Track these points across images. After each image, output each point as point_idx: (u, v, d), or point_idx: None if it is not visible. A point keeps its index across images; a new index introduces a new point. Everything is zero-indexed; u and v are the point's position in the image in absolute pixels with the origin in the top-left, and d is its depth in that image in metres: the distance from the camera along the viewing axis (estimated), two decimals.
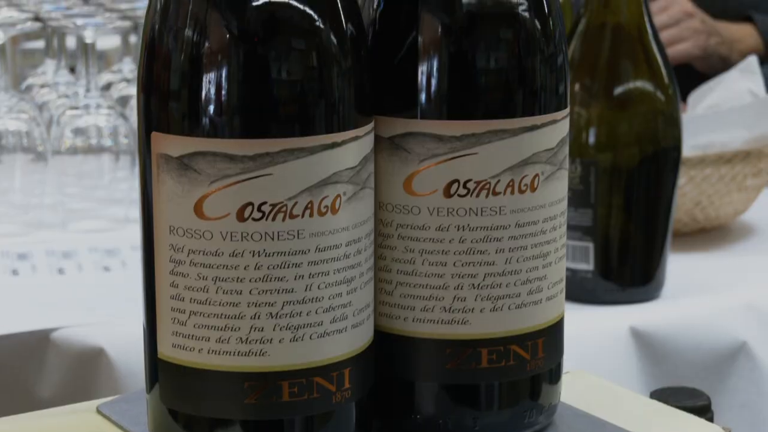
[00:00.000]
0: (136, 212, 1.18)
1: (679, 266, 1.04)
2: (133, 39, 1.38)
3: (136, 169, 1.23)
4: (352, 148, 0.53)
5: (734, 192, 1.11)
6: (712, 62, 1.65)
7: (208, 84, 0.52)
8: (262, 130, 0.52)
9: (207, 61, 0.52)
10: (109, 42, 1.89)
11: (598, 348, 0.91)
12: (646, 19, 1.00)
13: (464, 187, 0.55)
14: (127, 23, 1.21)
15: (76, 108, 1.18)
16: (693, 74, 1.64)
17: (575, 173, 0.97)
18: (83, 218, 1.19)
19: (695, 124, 1.12)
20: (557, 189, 0.57)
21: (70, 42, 1.40)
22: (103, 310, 0.95)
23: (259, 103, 0.52)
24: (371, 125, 0.55)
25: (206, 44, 0.52)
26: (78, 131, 1.18)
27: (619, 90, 1.00)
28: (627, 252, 0.99)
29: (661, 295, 0.99)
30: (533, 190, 0.56)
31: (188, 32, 0.53)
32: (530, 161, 0.56)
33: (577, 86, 1.00)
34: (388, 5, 0.57)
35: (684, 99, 1.45)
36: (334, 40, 0.53)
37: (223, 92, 0.52)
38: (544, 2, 0.57)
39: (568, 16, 1.09)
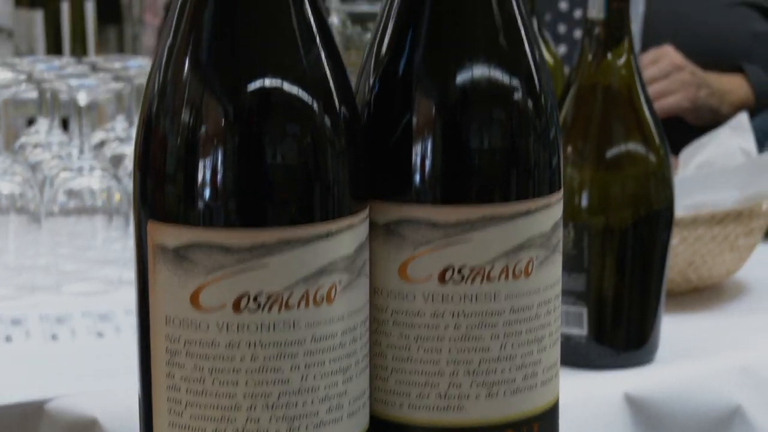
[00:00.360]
0: (129, 273, 1.18)
1: (672, 327, 1.04)
2: (126, 88, 1.37)
3: (130, 229, 1.24)
4: (348, 237, 0.53)
5: (726, 252, 1.11)
6: (701, 114, 1.65)
7: (203, 172, 0.52)
8: (257, 220, 0.52)
9: (201, 148, 0.52)
10: None
11: (593, 415, 0.91)
12: (636, 79, 1.01)
13: (459, 273, 0.55)
14: (120, 85, 1.21)
15: (70, 170, 1.18)
16: (683, 127, 1.65)
17: (568, 238, 0.97)
18: (77, 280, 1.19)
19: (687, 185, 1.12)
20: (551, 273, 0.57)
21: (64, 94, 1.40)
22: (97, 378, 0.95)
23: (254, 191, 0.52)
24: (366, 211, 0.55)
25: (200, 130, 0.52)
26: (71, 193, 1.19)
27: (610, 152, 1.00)
28: (621, 315, 0.99)
29: (656, 359, 0.99)
30: (527, 275, 0.56)
31: (184, 117, 0.53)
32: (524, 246, 0.56)
33: (569, 149, 1.01)
34: (382, 88, 0.57)
35: (674, 151, 1.46)
36: (329, 126, 0.53)
37: (218, 181, 0.52)
38: (538, 87, 0.57)
39: (559, 81, 1.09)
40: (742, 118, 1.24)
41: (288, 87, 0.53)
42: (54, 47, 2.56)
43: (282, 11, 0.53)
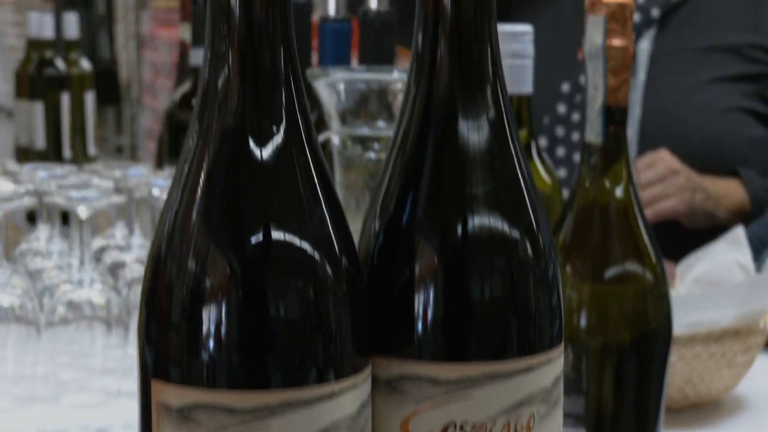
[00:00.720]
0: (128, 384, 1.18)
1: None
2: (127, 201, 1.38)
3: (129, 337, 1.24)
4: (351, 396, 0.54)
5: (724, 369, 1.12)
6: (697, 218, 1.66)
7: (207, 331, 0.53)
8: (261, 381, 0.52)
9: (204, 305, 0.53)
10: None
11: None
12: (633, 200, 1.02)
13: (461, 429, 0.56)
14: (120, 198, 1.22)
15: (70, 282, 1.19)
16: (679, 231, 1.65)
17: (567, 361, 0.98)
18: (75, 390, 1.19)
19: (685, 303, 1.13)
20: (552, 427, 0.58)
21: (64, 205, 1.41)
22: None
23: (258, 350, 0.53)
24: (369, 369, 0.56)
25: (205, 284, 0.53)
26: (71, 304, 1.19)
27: (608, 272, 1.01)
28: None
29: None
30: (528, 430, 0.57)
31: (189, 268, 0.54)
32: (526, 402, 0.57)
33: (568, 269, 1.01)
34: (384, 243, 0.58)
35: (670, 256, 1.46)
36: (333, 283, 0.54)
37: (222, 339, 0.52)
38: (541, 244, 0.58)
39: (557, 201, 1.10)
40: (739, 232, 1.25)
41: (291, 245, 0.53)
42: (54, 139, 2.58)
43: (286, 167, 0.54)
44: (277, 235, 0.53)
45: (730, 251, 1.23)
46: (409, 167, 0.57)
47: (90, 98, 2.63)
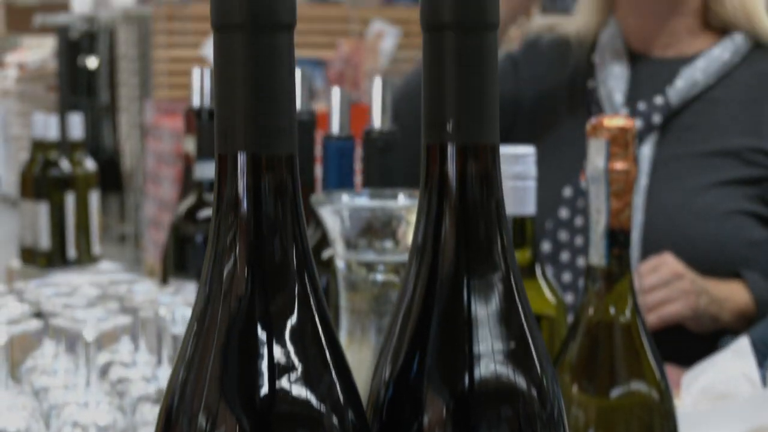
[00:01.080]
0: None
1: None
2: (132, 321, 1.38)
3: None
4: None
5: None
6: (702, 322, 1.66)
7: None
8: None
9: None
10: None
11: None
12: (638, 320, 1.02)
13: None
14: (126, 319, 1.22)
15: (76, 404, 1.19)
16: (685, 335, 1.66)
17: None
18: None
19: (692, 420, 1.13)
20: None
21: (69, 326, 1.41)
22: None
23: None
24: None
25: None
26: (77, 425, 1.19)
27: (614, 391, 1.01)
28: None
29: None
30: None
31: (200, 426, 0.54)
32: None
33: (574, 389, 1.02)
34: (394, 398, 0.58)
35: (673, 359, 1.46)
36: None
37: None
38: (545, 388, 0.58)
39: (562, 325, 1.11)
40: (744, 343, 1.25)
41: (301, 407, 0.54)
42: (59, 239, 2.59)
43: (295, 338, 0.55)
44: (285, 399, 0.53)
45: (736, 363, 1.23)
46: (417, 330, 0.57)
47: (94, 197, 2.65)
